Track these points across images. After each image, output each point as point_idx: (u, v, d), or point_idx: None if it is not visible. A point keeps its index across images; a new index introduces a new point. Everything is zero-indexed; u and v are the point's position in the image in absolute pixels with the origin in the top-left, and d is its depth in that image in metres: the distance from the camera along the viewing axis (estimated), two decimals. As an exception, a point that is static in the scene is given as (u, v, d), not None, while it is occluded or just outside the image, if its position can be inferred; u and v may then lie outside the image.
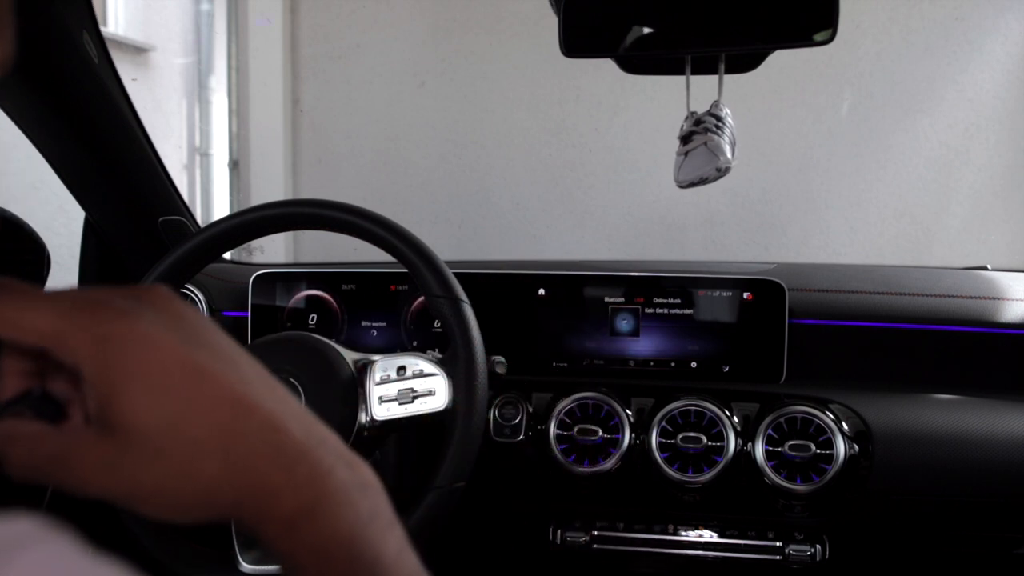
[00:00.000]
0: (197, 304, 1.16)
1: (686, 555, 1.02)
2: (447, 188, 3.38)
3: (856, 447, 0.95)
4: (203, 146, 3.39)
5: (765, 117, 3.06)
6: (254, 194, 3.49)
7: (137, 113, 1.08)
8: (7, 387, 0.32)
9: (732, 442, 0.96)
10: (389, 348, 1.12)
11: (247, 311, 1.14)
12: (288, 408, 0.35)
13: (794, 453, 0.94)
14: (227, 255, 1.31)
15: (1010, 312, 1.08)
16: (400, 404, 0.79)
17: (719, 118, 1.10)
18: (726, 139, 1.10)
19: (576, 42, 0.94)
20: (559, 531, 1.04)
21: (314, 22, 3.47)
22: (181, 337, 0.32)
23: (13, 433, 0.32)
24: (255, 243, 3.06)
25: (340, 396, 0.78)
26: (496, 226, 3.37)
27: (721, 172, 1.09)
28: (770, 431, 0.96)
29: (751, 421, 0.99)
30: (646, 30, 0.96)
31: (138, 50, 3.02)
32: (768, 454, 0.95)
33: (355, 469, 0.36)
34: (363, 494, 0.34)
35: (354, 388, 0.79)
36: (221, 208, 3.46)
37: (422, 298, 1.09)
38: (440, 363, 0.81)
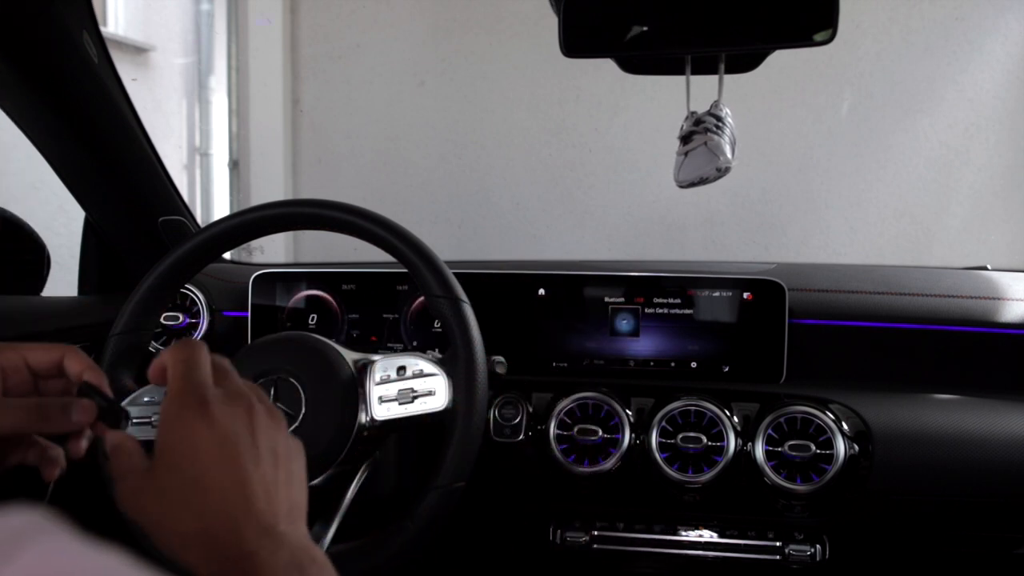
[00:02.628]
0: (197, 304, 1.16)
1: (686, 555, 1.02)
2: (447, 188, 3.38)
3: (856, 447, 0.95)
4: (203, 146, 3.39)
5: (765, 117, 3.06)
6: (254, 194, 3.49)
7: (137, 113, 1.08)
8: None
9: (732, 442, 0.96)
10: (389, 348, 1.12)
11: (247, 311, 1.14)
12: (256, 510, 0.46)
13: (794, 453, 0.94)
14: (227, 255, 1.31)
15: (1010, 312, 1.08)
16: (400, 404, 0.79)
17: (719, 118, 1.10)
18: (726, 139, 1.10)
19: (576, 42, 0.94)
20: (559, 531, 1.04)
21: (314, 22, 3.47)
22: (218, 439, 0.46)
23: (119, 444, 0.49)
24: (255, 243, 3.06)
25: (340, 396, 0.78)
26: (496, 226, 3.37)
27: (721, 172, 1.09)
28: (770, 431, 0.96)
29: (751, 421, 0.99)
30: (646, 30, 0.96)
31: (138, 50, 3.02)
32: (768, 454, 0.95)
33: (283, 553, 0.45)
34: (285, 570, 0.45)
35: (354, 388, 0.79)
36: (221, 208, 3.46)
37: (422, 298, 1.09)
38: (440, 363, 0.81)
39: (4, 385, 0.51)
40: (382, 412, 0.79)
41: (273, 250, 3.15)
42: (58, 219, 1.89)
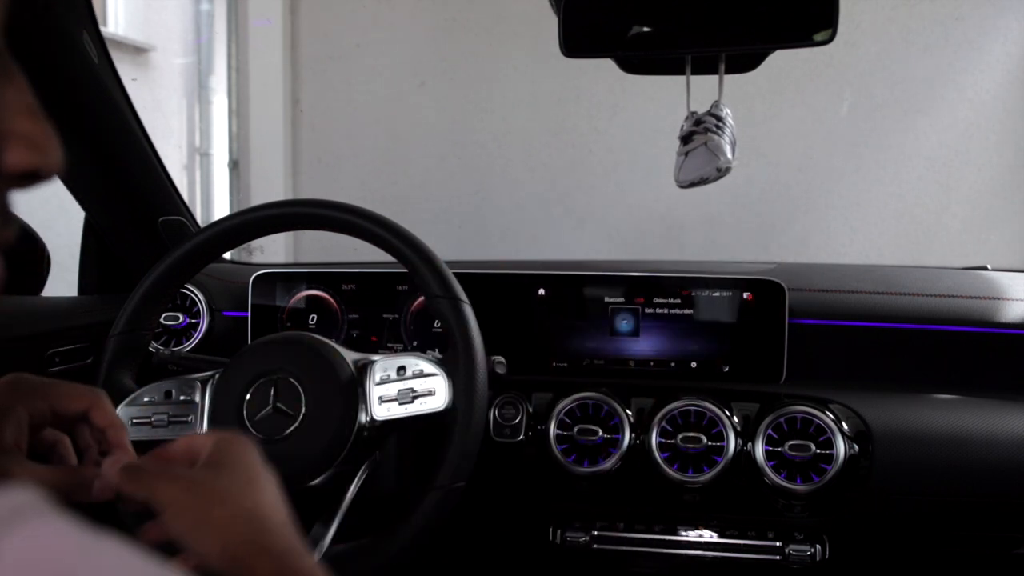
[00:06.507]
0: (197, 304, 1.16)
1: (686, 555, 1.02)
2: (447, 188, 3.38)
3: (856, 447, 0.95)
4: (203, 146, 3.39)
5: (765, 117, 3.06)
6: (254, 194, 3.49)
7: (137, 113, 1.08)
8: None
9: (732, 442, 0.96)
10: (389, 348, 1.12)
11: (247, 311, 1.14)
12: (257, 524, 0.51)
13: (794, 453, 0.94)
14: (227, 255, 1.31)
15: (1010, 312, 1.08)
16: (400, 404, 0.79)
17: (719, 118, 1.10)
18: (726, 139, 1.10)
19: (576, 42, 0.94)
20: (559, 531, 1.04)
21: (314, 22, 3.48)
22: (215, 475, 0.52)
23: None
24: (255, 243, 3.06)
25: (340, 396, 0.78)
26: (496, 226, 3.37)
27: (721, 172, 1.09)
28: (770, 431, 0.96)
29: (751, 421, 0.99)
30: (646, 30, 0.96)
31: (138, 50, 3.02)
32: (768, 454, 0.95)
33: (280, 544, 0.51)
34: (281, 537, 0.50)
35: (354, 388, 0.79)
36: (221, 208, 3.46)
37: (422, 298, 1.09)
38: (440, 363, 0.81)
39: (30, 439, 0.53)
40: (382, 412, 0.79)
41: (273, 250, 3.15)
42: (58, 219, 1.89)
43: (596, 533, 1.03)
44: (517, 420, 1.01)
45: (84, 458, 0.58)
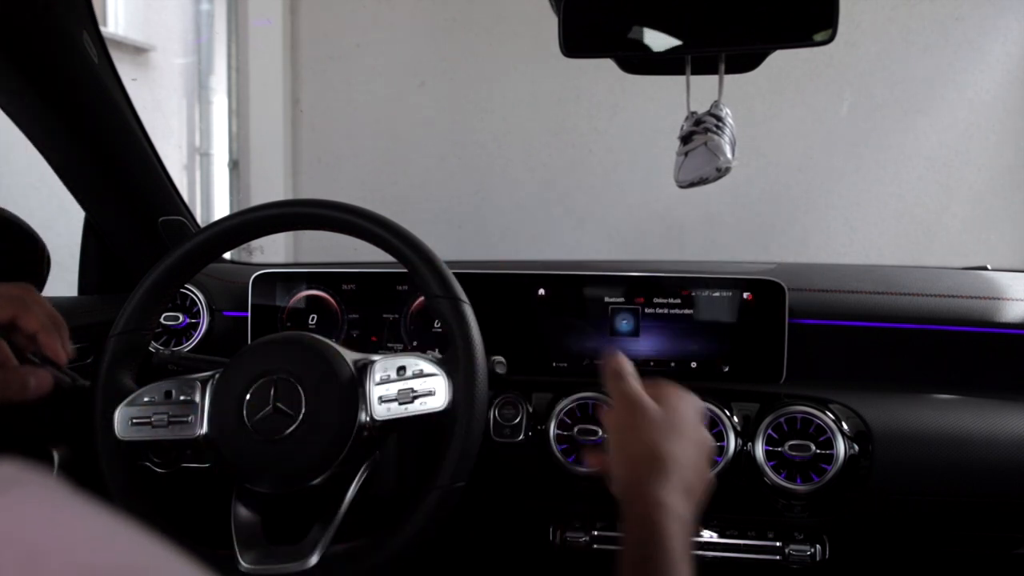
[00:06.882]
0: (197, 304, 1.16)
1: (686, 555, 1.02)
2: (447, 188, 3.38)
3: (856, 447, 0.95)
4: (203, 146, 3.39)
5: (765, 117, 3.06)
6: (254, 194, 3.49)
7: (137, 113, 1.08)
8: None
9: (732, 442, 0.96)
10: (389, 348, 1.12)
11: (247, 311, 1.14)
12: (663, 461, 0.63)
13: (794, 453, 0.94)
14: (227, 255, 1.31)
15: (1010, 312, 1.08)
16: (400, 404, 0.79)
17: (719, 118, 1.10)
18: (726, 139, 1.10)
19: (576, 42, 0.94)
20: (559, 531, 1.04)
21: (314, 22, 3.48)
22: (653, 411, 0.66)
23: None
24: (255, 243, 3.06)
25: (340, 396, 0.78)
26: (496, 226, 3.37)
27: (721, 172, 1.09)
28: (770, 431, 0.96)
29: (751, 421, 0.99)
30: (646, 30, 0.96)
31: (138, 50, 3.02)
32: (768, 454, 0.95)
33: (686, 494, 0.64)
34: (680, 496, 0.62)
35: (354, 388, 0.79)
36: (221, 208, 3.46)
37: (422, 298, 1.09)
38: (440, 363, 0.81)
39: None
40: (382, 412, 0.79)
41: (273, 250, 3.15)
42: (58, 219, 1.90)
43: (596, 533, 1.03)
44: (517, 420, 1.00)
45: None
